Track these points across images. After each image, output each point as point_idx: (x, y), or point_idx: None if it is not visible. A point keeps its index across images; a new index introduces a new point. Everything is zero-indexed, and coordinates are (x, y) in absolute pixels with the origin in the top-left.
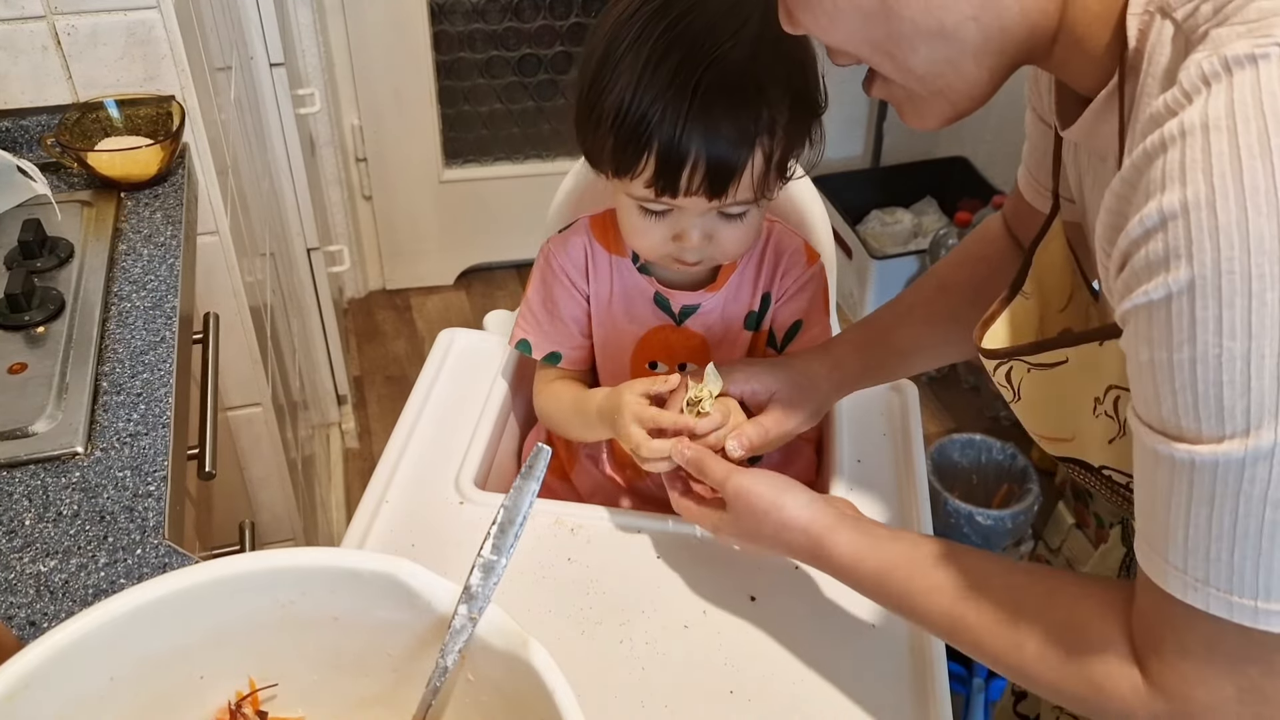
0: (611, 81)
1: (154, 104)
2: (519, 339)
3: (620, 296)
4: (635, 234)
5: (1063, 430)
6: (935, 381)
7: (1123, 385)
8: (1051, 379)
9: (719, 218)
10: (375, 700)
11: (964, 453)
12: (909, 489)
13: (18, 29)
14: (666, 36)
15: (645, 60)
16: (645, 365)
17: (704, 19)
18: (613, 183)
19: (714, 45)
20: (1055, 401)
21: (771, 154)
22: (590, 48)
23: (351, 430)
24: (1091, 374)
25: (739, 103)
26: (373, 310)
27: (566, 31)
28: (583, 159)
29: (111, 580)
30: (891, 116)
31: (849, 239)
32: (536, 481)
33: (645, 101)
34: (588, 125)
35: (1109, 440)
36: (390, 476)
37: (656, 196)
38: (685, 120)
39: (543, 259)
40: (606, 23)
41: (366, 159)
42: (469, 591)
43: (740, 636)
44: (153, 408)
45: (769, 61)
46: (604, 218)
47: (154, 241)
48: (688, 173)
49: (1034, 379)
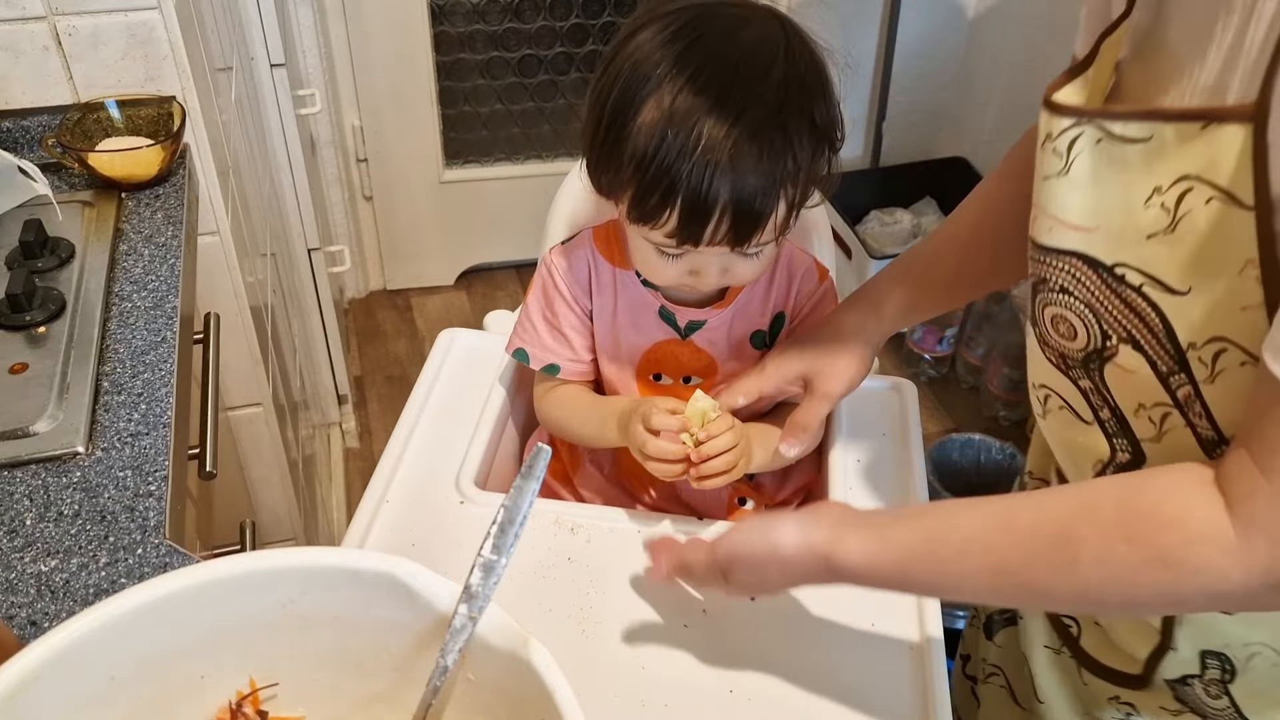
0: (634, 125)
1: (155, 104)
2: (516, 347)
3: (625, 310)
4: (649, 269)
5: (1091, 218)
6: (935, 381)
7: (1198, 176)
8: (1120, 157)
9: (737, 255)
10: (376, 699)
11: (963, 452)
12: (909, 489)
13: (19, 29)
14: (695, 83)
15: (671, 107)
16: (649, 378)
17: (731, 58)
18: (628, 224)
19: (744, 93)
20: (1108, 183)
21: (794, 198)
22: (607, 81)
23: (352, 430)
24: (1170, 159)
25: (767, 152)
26: (373, 310)
27: (567, 32)
28: (582, 161)
29: (112, 580)
30: (891, 116)
31: (849, 239)
32: (536, 481)
33: (672, 154)
34: (606, 165)
35: (1148, 235)
36: (391, 476)
37: (678, 245)
38: (713, 174)
39: (544, 270)
40: (624, 57)
41: (367, 159)
42: (469, 591)
43: (740, 636)
44: (153, 408)
45: (796, 100)
46: (607, 230)
47: (155, 242)
48: (713, 225)
49: (1100, 152)
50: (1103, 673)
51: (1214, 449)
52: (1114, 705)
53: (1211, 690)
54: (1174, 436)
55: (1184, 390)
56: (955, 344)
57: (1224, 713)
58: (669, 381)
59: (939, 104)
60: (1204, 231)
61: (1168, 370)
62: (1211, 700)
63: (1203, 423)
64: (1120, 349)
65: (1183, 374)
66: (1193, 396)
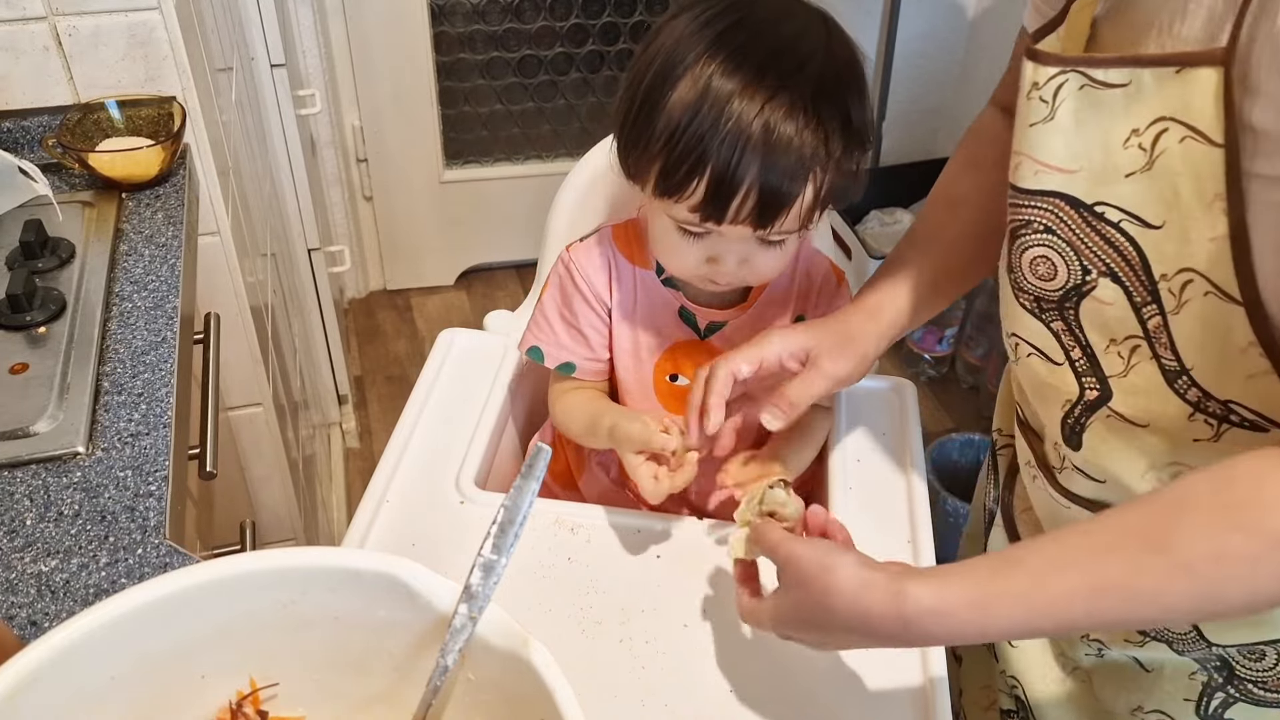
0: (668, 100)
1: (155, 105)
2: (530, 345)
3: (644, 308)
4: (668, 252)
5: (1073, 161)
6: (935, 381)
7: (1173, 117)
8: (1101, 101)
9: (758, 244)
10: (376, 699)
11: (963, 452)
12: (909, 489)
13: (19, 30)
14: (734, 60)
15: (707, 83)
16: (665, 378)
17: (771, 44)
18: (652, 201)
19: (780, 75)
20: (1089, 127)
21: (821, 187)
22: (644, 62)
23: (352, 430)
24: (1148, 102)
25: (800, 135)
26: (373, 310)
27: (567, 32)
28: (582, 161)
29: (112, 580)
30: (891, 117)
31: (849, 239)
32: (536, 481)
33: (705, 125)
34: (637, 141)
35: (1126, 175)
36: (391, 476)
37: (701, 221)
38: (744, 149)
39: (562, 267)
40: (664, 37)
41: (367, 159)
42: (469, 591)
43: (740, 636)
44: (154, 408)
45: (831, 93)
46: (626, 229)
47: (155, 242)
48: (738, 201)
49: (1083, 98)
50: None
51: (1176, 379)
52: (1085, 643)
53: None
54: (1140, 371)
55: (1154, 321)
56: (955, 344)
57: (1187, 636)
58: (685, 382)
59: (939, 104)
60: (1177, 169)
61: (1141, 301)
62: (1175, 629)
63: (1167, 354)
64: (1100, 282)
65: (1154, 305)
66: (1161, 327)
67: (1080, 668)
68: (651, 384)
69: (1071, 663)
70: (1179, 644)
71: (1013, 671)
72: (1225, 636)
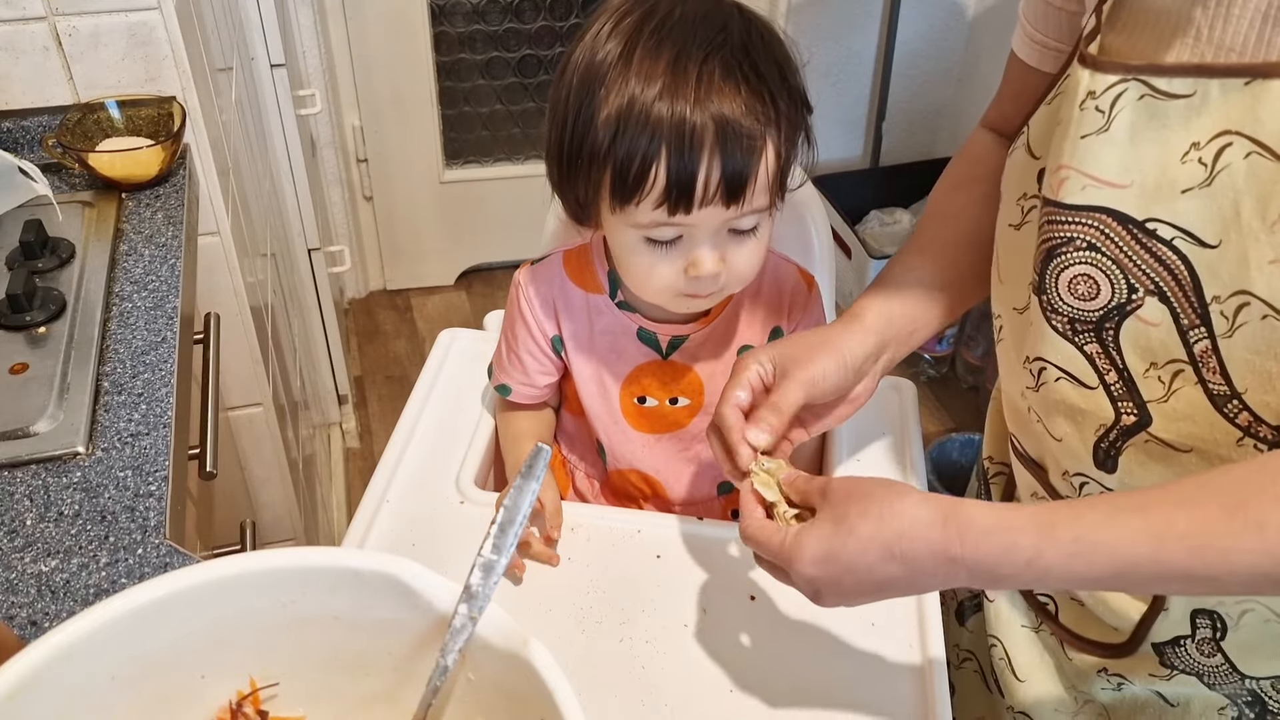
0: (601, 102)
1: (155, 105)
2: (489, 362)
3: (601, 336)
4: (643, 275)
5: (1124, 175)
6: (935, 381)
7: (1238, 130)
8: (1160, 113)
9: (730, 236)
10: (376, 699)
11: (963, 452)
12: None
13: (19, 30)
14: (654, 39)
15: (638, 64)
16: (634, 401)
17: (685, 21)
18: (612, 221)
19: (707, 41)
20: (1145, 139)
21: (780, 148)
22: (565, 81)
23: (352, 430)
24: (1211, 114)
25: (745, 94)
26: (373, 310)
27: (566, 32)
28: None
29: (113, 580)
30: (891, 117)
31: (848, 239)
32: (536, 481)
33: (648, 110)
34: (578, 160)
35: (1183, 190)
36: (391, 476)
37: (670, 215)
38: (694, 121)
39: (513, 288)
40: (578, 51)
41: (367, 159)
42: (469, 591)
43: (740, 636)
44: (154, 408)
45: (760, 48)
46: (578, 254)
47: (155, 242)
48: (702, 179)
49: (1141, 110)
50: (1086, 646)
51: (1225, 404)
52: (1103, 677)
53: (1204, 649)
54: (1182, 395)
55: (1201, 345)
56: (955, 344)
57: (1220, 669)
58: (654, 404)
59: (939, 104)
60: (1240, 186)
61: (1189, 324)
62: (1205, 658)
63: (1216, 378)
64: (1146, 301)
65: (1203, 327)
66: (1209, 351)
67: (1094, 701)
68: (620, 410)
69: (1085, 696)
70: (1209, 677)
71: (1021, 707)
72: (1259, 668)
